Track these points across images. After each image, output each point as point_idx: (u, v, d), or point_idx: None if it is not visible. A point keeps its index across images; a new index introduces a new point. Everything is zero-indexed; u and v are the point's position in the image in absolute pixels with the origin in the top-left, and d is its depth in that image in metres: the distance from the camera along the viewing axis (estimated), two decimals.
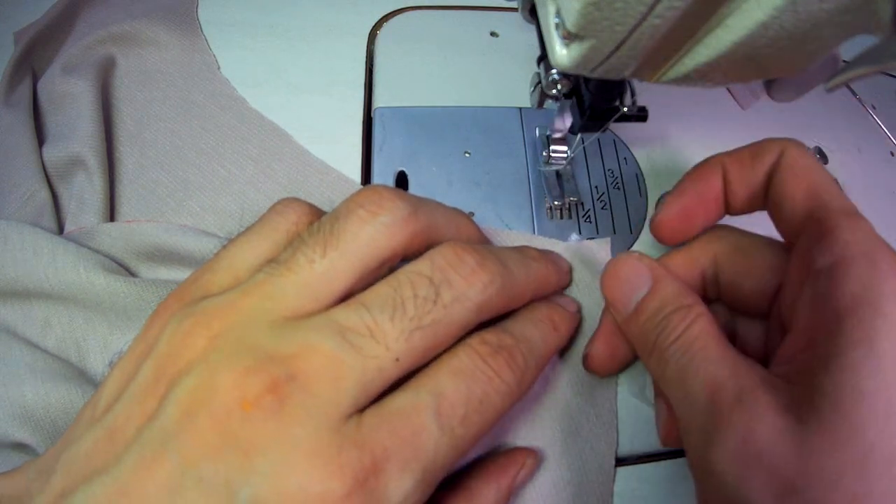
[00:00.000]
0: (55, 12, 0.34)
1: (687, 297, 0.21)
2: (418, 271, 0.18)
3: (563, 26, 0.17)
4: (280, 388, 0.15)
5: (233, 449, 0.15)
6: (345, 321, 0.17)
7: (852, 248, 0.18)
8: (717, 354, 0.19)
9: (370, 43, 0.36)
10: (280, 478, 0.15)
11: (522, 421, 0.24)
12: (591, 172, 0.31)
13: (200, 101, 0.32)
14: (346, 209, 0.19)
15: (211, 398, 0.15)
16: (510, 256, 0.21)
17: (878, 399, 0.16)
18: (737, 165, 0.23)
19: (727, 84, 0.26)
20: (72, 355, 0.24)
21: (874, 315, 0.17)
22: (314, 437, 0.15)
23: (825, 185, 0.20)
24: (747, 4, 0.15)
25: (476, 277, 0.19)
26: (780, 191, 0.21)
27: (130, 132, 0.31)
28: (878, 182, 0.36)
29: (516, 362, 0.19)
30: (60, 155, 0.28)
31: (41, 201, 0.27)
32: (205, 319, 0.17)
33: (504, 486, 0.21)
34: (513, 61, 0.36)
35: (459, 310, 0.18)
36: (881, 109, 0.39)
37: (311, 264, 0.18)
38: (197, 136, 0.31)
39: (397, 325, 0.17)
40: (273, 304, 0.17)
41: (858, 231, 0.19)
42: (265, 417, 0.15)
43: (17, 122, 0.29)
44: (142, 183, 0.29)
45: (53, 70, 0.32)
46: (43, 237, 0.24)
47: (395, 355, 0.17)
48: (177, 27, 0.34)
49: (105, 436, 0.17)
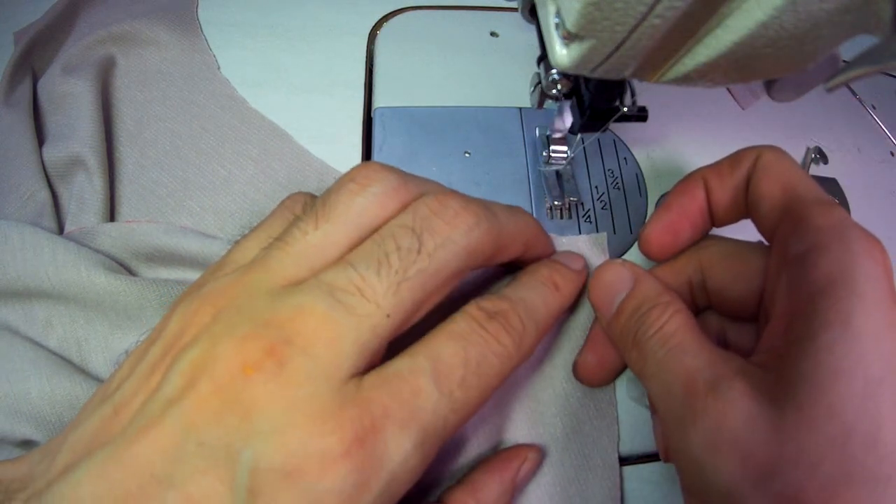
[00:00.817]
0: (55, 12, 0.34)
1: (665, 295, 0.21)
2: (401, 223, 0.18)
3: (563, 26, 0.17)
4: (279, 351, 0.16)
5: (234, 412, 0.15)
6: (333, 281, 0.17)
7: (825, 232, 0.18)
8: (694, 347, 0.19)
9: (370, 43, 0.36)
10: (280, 436, 0.15)
11: (523, 418, 0.24)
12: (591, 172, 0.31)
13: (200, 101, 0.32)
14: (338, 184, 0.19)
15: (212, 365, 0.16)
16: (496, 204, 0.21)
17: (855, 378, 0.16)
18: (717, 176, 0.23)
19: (727, 84, 0.26)
20: (73, 355, 0.24)
21: (849, 295, 0.17)
22: (315, 397, 0.15)
23: (799, 180, 0.21)
24: (747, 4, 0.15)
25: (460, 220, 0.19)
26: (757, 191, 0.22)
27: (130, 132, 0.31)
28: (878, 182, 0.36)
29: (512, 325, 0.19)
30: (60, 155, 0.28)
31: (41, 201, 0.27)
32: (210, 298, 0.17)
33: (507, 479, 0.22)
34: (513, 61, 0.36)
35: (445, 255, 0.18)
36: (881, 109, 0.39)
37: (305, 236, 0.18)
38: (197, 137, 0.31)
39: (384, 279, 0.17)
40: (271, 275, 0.17)
41: (831, 216, 0.19)
42: (266, 380, 0.15)
43: (17, 122, 0.29)
44: (142, 183, 0.29)
45: (53, 70, 0.32)
46: (43, 237, 0.24)
47: (385, 311, 0.17)
48: (177, 27, 0.34)
49: (111, 413, 0.17)
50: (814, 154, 0.35)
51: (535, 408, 0.24)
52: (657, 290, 0.22)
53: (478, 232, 0.19)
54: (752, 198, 0.22)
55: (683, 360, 0.19)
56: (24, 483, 0.17)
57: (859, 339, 0.16)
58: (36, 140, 0.29)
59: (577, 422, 0.24)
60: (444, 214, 0.19)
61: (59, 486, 0.16)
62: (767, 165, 0.22)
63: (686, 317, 0.20)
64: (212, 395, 0.15)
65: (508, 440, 0.24)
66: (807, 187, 0.20)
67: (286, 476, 0.15)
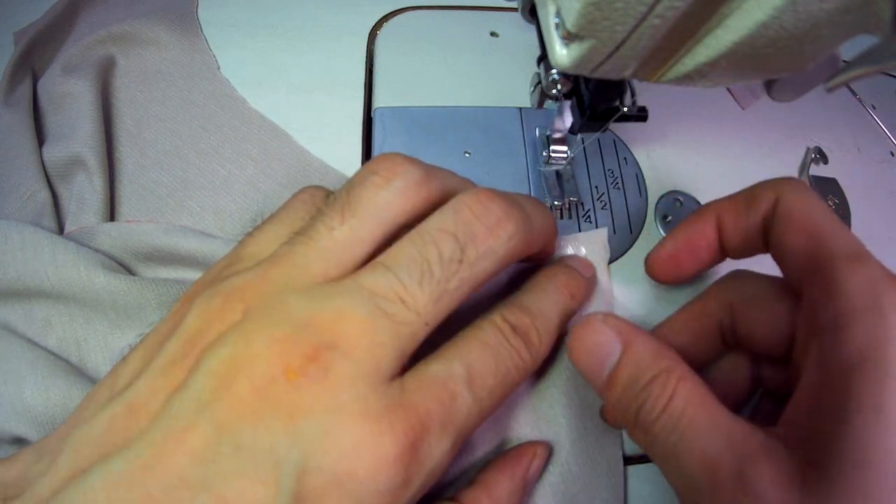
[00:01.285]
0: (55, 12, 0.34)
1: (663, 359, 0.19)
2: (441, 227, 0.18)
3: (563, 26, 0.17)
4: (322, 356, 0.16)
5: (276, 415, 0.15)
6: (374, 287, 0.17)
7: (856, 299, 0.17)
8: (709, 424, 0.18)
9: (370, 43, 0.36)
10: (331, 439, 0.15)
11: (528, 417, 0.24)
12: (591, 172, 0.31)
13: (200, 101, 0.32)
14: (361, 177, 0.19)
15: (250, 366, 0.15)
16: (526, 203, 0.21)
17: (887, 470, 0.15)
18: (732, 214, 0.23)
19: (727, 84, 0.26)
20: (72, 354, 0.24)
21: (882, 377, 0.16)
22: (360, 400, 0.16)
23: (826, 226, 0.19)
24: (747, 4, 0.15)
25: (501, 229, 0.19)
26: (781, 241, 0.21)
27: (130, 132, 0.31)
28: (878, 182, 0.36)
29: (532, 342, 0.20)
30: (60, 155, 0.28)
31: (41, 201, 0.28)
32: (235, 293, 0.17)
33: (518, 476, 0.22)
34: (513, 61, 0.36)
35: (484, 265, 0.18)
36: (881, 109, 0.39)
37: (331, 231, 0.18)
38: (197, 136, 0.31)
39: (425, 290, 0.17)
40: (299, 273, 0.17)
41: (862, 278, 0.18)
42: (311, 385, 0.15)
43: (17, 122, 0.29)
44: (142, 183, 0.29)
45: (53, 70, 0.32)
46: (43, 236, 0.24)
47: (425, 320, 0.17)
48: (177, 27, 0.34)
49: (125, 412, 0.16)
50: (814, 154, 0.35)
51: (539, 406, 0.25)
52: (653, 352, 0.20)
53: (515, 241, 0.19)
54: (776, 250, 0.21)
55: (700, 443, 0.18)
56: (19, 487, 0.17)
57: (891, 428, 0.15)
58: (36, 140, 0.29)
59: (580, 420, 0.24)
60: (487, 220, 0.19)
61: (70, 492, 0.15)
62: (789, 212, 0.20)
63: (692, 384, 0.19)
64: (251, 398, 0.15)
65: (514, 439, 0.24)
66: (835, 236, 0.19)
67: (336, 478, 0.15)
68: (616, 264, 0.29)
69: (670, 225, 0.31)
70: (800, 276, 0.20)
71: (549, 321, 0.21)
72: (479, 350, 0.18)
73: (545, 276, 0.23)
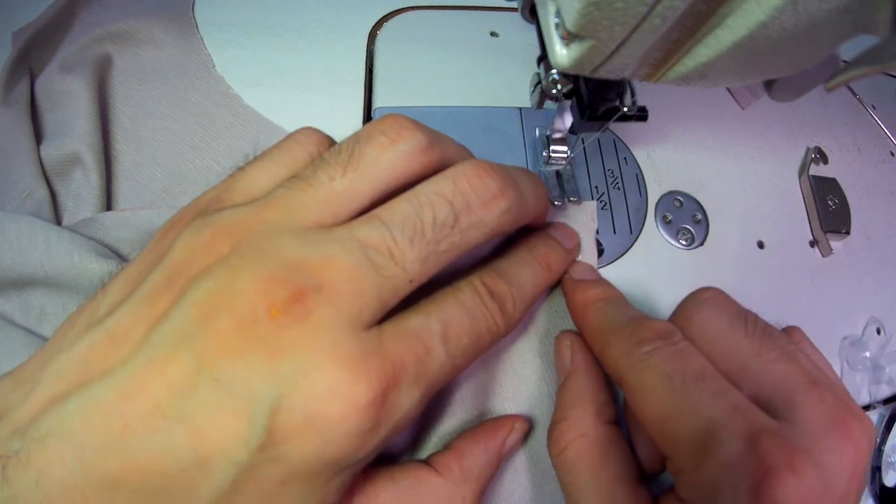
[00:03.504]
0: (52, 12, 0.34)
1: (576, 409, 0.22)
2: (439, 191, 0.19)
3: (563, 26, 0.17)
4: (306, 297, 0.16)
5: (257, 352, 0.15)
6: (366, 238, 0.17)
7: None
8: (589, 487, 0.20)
9: (370, 43, 0.36)
10: (308, 380, 0.15)
11: (508, 379, 0.25)
12: (591, 172, 0.31)
13: (196, 98, 0.32)
14: (368, 134, 0.19)
15: (234, 301, 0.16)
16: (522, 179, 0.22)
17: None
18: None
19: (727, 84, 0.26)
20: None
21: None
22: (339, 344, 0.16)
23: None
24: (747, 4, 0.15)
25: (495, 204, 0.19)
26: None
27: (126, 129, 0.31)
28: (878, 182, 0.36)
29: (507, 308, 0.20)
30: (58, 153, 0.29)
31: (39, 199, 0.28)
32: (226, 228, 0.17)
33: (493, 449, 0.22)
34: (513, 61, 0.36)
35: (474, 234, 0.19)
36: (881, 109, 0.39)
37: (332, 181, 0.18)
38: (192, 133, 0.31)
39: (415, 248, 0.18)
40: (294, 217, 0.18)
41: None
42: (293, 324, 0.15)
43: (14, 121, 0.30)
44: (138, 179, 0.30)
45: (51, 69, 0.32)
46: (38, 225, 0.24)
47: (410, 277, 0.18)
48: (173, 26, 0.34)
49: (105, 340, 0.16)
50: (814, 154, 0.35)
51: (520, 370, 0.25)
52: (572, 399, 0.22)
53: (507, 216, 0.20)
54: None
55: (578, 498, 0.20)
56: None
57: None
58: (34, 138, 0.29)
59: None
60: (483, 194, 0.19)
61: (46, 419, 0.15)
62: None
63: (586, 447, 0.21)
64: (232, 333, 0.15)
65: (493, 403, 0.24)
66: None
67: (308, 418, 0.15)
68: (616, 264, 0.29)
69: (670, 225, 0.31)
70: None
71: (525, 292, 0.22)
72: (456, 309, 0.19)
73: (526, 247, 0.24)
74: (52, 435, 0.15)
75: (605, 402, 0.22)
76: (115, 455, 0.15)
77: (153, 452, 0.15)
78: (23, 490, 0.14)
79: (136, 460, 0.15)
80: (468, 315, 0.19)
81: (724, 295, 0.22)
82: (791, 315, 0.22)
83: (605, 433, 0.21)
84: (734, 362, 0.20)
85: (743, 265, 0.31)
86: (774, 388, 0.19)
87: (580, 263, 0.27)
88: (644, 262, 0.29)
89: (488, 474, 0.22)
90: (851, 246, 0.33)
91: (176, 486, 0.15)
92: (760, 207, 0.33)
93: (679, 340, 0.20)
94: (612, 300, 0.24)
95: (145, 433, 0.15)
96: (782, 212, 0.33)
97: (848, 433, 0.17)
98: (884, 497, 0.28)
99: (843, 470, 0.17)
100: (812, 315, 0.31)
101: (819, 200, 0.33)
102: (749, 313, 0.21)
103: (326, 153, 0.19)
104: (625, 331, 0.21)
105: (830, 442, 0.17)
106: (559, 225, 0.26)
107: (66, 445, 0.15)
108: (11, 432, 0.15)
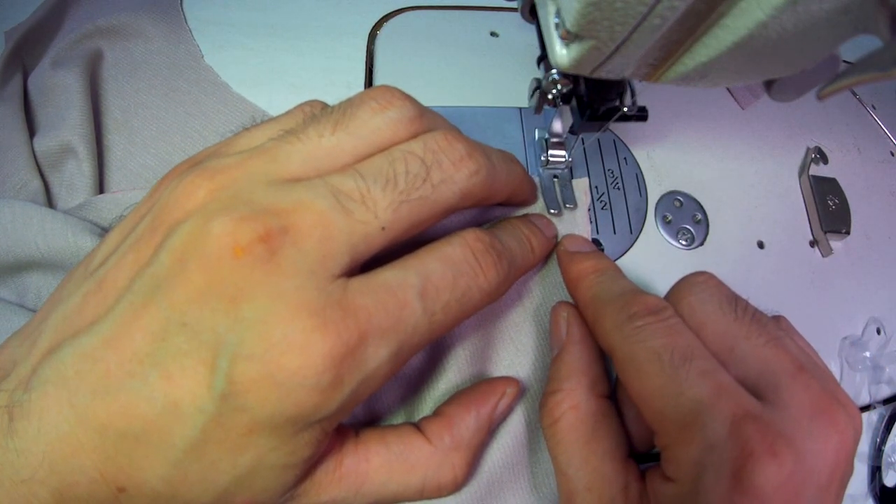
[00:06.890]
0: (43, 11, 0.34)
1: (569, 381, 0.22)
2: (411, 150, 0.19)
3: (563, 26, 0.17)
4: (272, 238, 0.16)
5: (220, 295, 0.15)
6: (339, 185, 0.17)
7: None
8: (578, 459, 0.20)
9: (370, 43, 0.36)
10: (265, 326, 0.15)
11: (504, 344, 0.25)
12: (591, 172, 0.31)
13: (185, 88, 0.32)
14: (360, 99, 0.20)
15: (203, 244, 0.16)
16: (494, 153, 0.22)
17: None
18: None
19: (727, 84, 0.26)
20: None
21: None
22: (301, 290, 0.16)
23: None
24: (747, 4, 0.15)
25: (464, 164, 0.19)
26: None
27: (118, 120, 0.31)
28: (878, 182, 0.36)
29: (502, 265, 0.20)
30: (51, 144, 0.29)
31: (33, 190, 0.28)
32: (208, 174, 0.17)
33: (484, 415, 0.22)
34: (513, 61, 0.36)
35: (445, 191, 0.19)
36: (881, 109, 0.39)
37: (320, 138, 0.18)
38: (182, 121, 0.31)
39: (388, 195, 0.18)
40: (276, 167, 0.18)
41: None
42: (254, 265, 0.15)
43: (8, 115, 0.30)
44: (130, 168, 0.30)
45: (43, 65, 0.32)
46: (32, 208, 0.25)
47: (381, 223, 0.17)
48: (162, 20, 0.34)
49: (95, 288, 0.17)
50: (814, 154, 0.35)
51: (516, 338, 0.25)
52: (567, 371, 0.22)
53: (476, 179, 0.20)
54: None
55: (567, 471, 0.20)
56: (6, 370, 0.17)
57: None
58: (27, 132, 0.30)
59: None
60: (452, 155, 0.19)
61: (45, 368, 0.15)
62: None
63: (579, 419, 0.21)
64: (198, 276, 0.15)
65: (489, 369, 0.24)
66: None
67: (266, 368, 0.15)
68: (616, 264, 0.29)
69: (670, 225, 0.31)
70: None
71: (516, 259, 0.22)
72: (440, 262, 0.18)
73: (510, 224, 0.24)
74: (49, 383, 0.15)
75: (599, 375, 0.22)
76: (100, 399, 0.15)
77: (132, 397, 0.15)
78: (28, 440, 0.15)
79: (118, 404, 0.15)
80: (452, 270, 0.18)
81: (716, 279, 0.22)
82: (791, 315, 0.22)
83: (598, 407, 0.21)
84: (723, 344, 0.20)
85: (743, 265, 0.31)
86: (761, 372, 0.19)
87: (574, 236, 0.27)
88: (644, 262, 0.29)
89: (479, 440, 0.21)
90: (851, 246, 0.33)
91: (154, 432, 0.15)
92: (760, 207, 0.33)
93: (670, 316, 0.20)
94: (605, 271, 0.24)
95: (125, 378, 0.15)
96: (782, 212, 0.33)
97: (832, 421, 0.17)
98: (884, 497, 0.28)
99: (825, 458, 0.17)
100: (812, 315, 0.31)
101: (819, 200, 0.33)
102: (739, 298, 0.21)
103: (319, 112, 0.20)
104: (616, 304, 0.21)
105: (814, 429, 0.17)
106: (537, 215, 0.27)
107: (61, 392, 0.15)
108: (17, 384, 0.16)
